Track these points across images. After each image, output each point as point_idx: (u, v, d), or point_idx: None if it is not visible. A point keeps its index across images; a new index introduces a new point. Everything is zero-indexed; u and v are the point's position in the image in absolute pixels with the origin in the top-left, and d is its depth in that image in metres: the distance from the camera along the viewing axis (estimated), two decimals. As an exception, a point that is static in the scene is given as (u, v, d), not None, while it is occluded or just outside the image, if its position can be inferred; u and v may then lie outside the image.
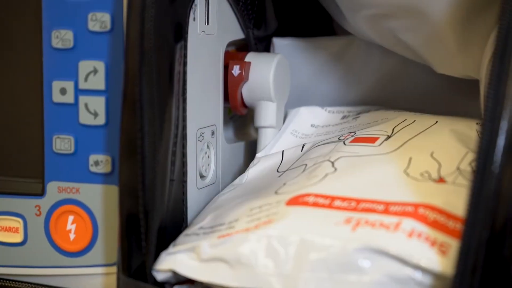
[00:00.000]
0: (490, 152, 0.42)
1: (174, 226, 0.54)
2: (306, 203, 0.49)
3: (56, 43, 0.55)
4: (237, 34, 0.63)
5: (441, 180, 0.50)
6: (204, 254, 0.48)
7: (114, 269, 0.55)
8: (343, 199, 0.49)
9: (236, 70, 0.61)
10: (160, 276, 0.50)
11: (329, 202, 0.49)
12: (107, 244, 0.56)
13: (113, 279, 0.55)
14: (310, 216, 0.48)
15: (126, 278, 0.51)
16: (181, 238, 0.52)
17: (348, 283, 0.44)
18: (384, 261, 0.44)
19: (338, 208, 0.48)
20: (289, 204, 0.49)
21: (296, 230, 0.47)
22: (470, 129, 0.56)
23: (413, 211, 0.47)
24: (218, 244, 0.48)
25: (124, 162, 0.51)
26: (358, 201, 0.49)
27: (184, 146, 0.54)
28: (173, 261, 0.49)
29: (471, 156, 0.53)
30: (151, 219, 0.51)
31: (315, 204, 0.49)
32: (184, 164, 0.54)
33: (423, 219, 0.46)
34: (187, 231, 0.53)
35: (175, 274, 0.50)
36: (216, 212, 0.53)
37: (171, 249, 0.51)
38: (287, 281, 0.45)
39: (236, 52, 0.63)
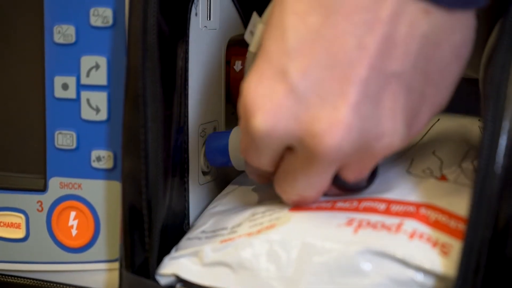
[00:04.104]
0: (492, 152, 0.42)
1: (176, 222, 0.54)
2: (309, 208, 0.49)
3: (58, 38, 0.55)
4: (239, 29, 0.62)
5: (443, 177, 0.50)
6: (207, 259, 0.48)
7: (116, 265, 0.55)
8: (345, 200, 0.49)
9: (238, 66, 0.61)
10: (163, 281, 0.50)
11: (331, 204, 0.49)
12: (109, 240, 0.56)
13: (115, 275, 0.55)
14: (312, 219, 0.48)
15: (129, 274, 0.51)
16: (183, 242, 0.52)
17: (350, 286, 0.44)
18: (385, 264, 0.44)
19: (340, 209, 0.48)
20: (293, 210, 0.49)
21: (298, 234, 0.46)
22: (472, 126, 0.56)
23: (415, 211, 0.47)
24: (220, 248, 0.48)
25: (126, 158, 0.51)
26: (360, 200, 0.48)
27: (186, 142, 0.54)
28: (176, 265, 0.49)
29: (472, 154, 0.52)
30: (154, 214, 0.51)
31: (318, 208, 0.49)
32: (186, 160, 0.54)
33: (425, 220, 0.46)
34: (189, 234, 0.53)
35: (178, 278, 0.50)
36: (218, 216, 0.53)
37: (173, 253, 0.51)
38: (289, 285, 0.45)
39: (238, 48, 0.63)
